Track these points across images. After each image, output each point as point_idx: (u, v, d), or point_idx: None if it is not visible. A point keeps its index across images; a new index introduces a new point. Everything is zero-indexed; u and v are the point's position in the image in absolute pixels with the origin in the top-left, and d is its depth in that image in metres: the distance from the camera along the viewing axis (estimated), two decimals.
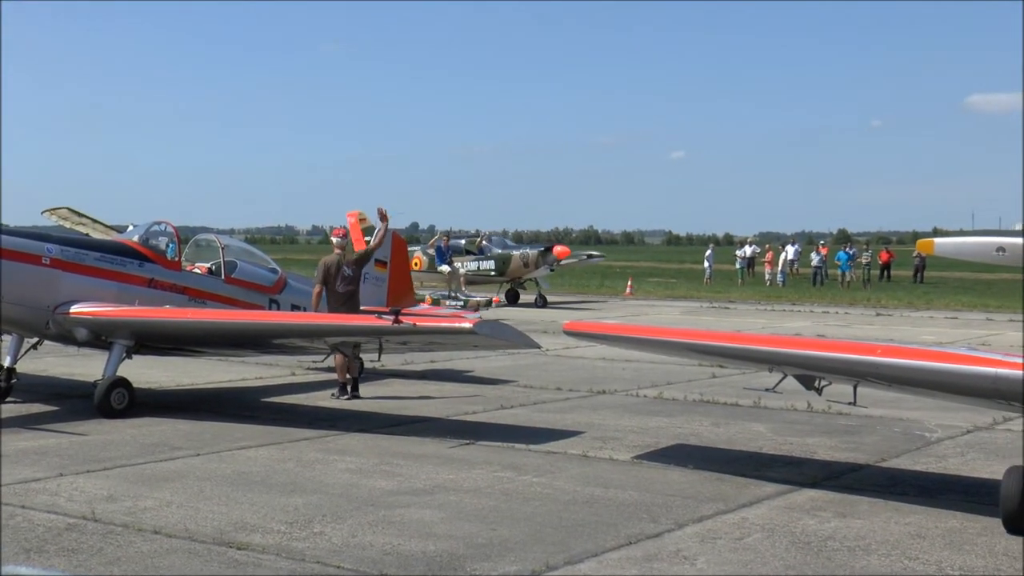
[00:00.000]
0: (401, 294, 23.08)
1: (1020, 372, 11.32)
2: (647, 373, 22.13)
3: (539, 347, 18.23)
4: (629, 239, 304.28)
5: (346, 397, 18.34)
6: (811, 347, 13.80)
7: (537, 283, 44.73)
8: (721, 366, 20.58)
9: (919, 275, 67.22)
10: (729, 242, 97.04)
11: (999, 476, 11.11)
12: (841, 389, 13.42)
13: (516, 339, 16.03)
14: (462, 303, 33.27)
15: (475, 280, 44.04)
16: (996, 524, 10.74)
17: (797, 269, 66.02)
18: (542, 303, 43.15)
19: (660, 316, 38.44)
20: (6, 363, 17.61)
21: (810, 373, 13.19)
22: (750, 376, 19.40)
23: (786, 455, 14.43)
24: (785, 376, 13.50)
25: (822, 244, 69.22)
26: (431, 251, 44.30)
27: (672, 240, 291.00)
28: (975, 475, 13.32)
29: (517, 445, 14.59)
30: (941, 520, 11.12)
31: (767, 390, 14.21)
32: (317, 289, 18.87)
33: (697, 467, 13.40)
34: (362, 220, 45.02)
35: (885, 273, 68.00)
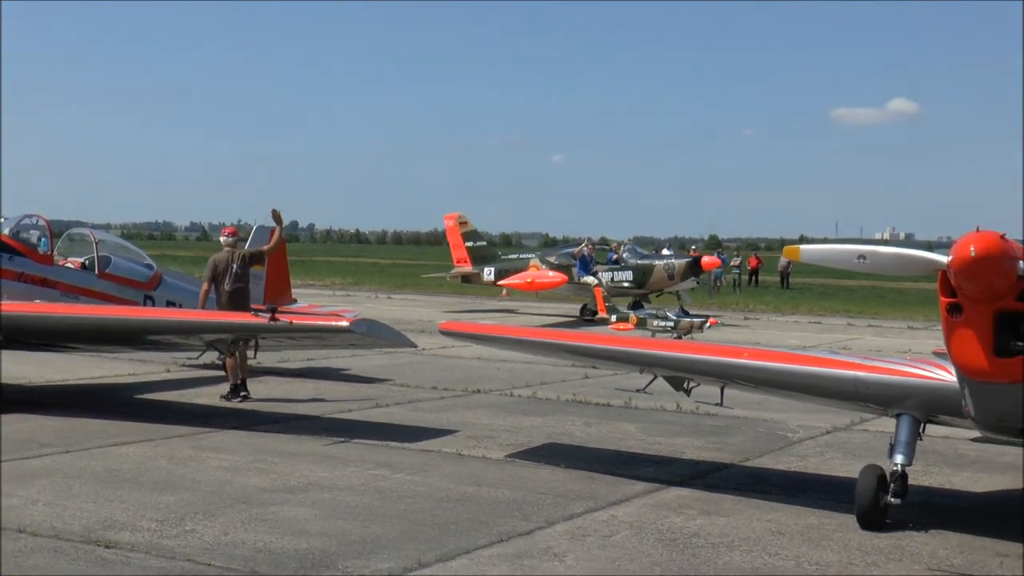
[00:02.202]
0: (278, 291, 22.87)
1: (878, 375, 11.61)
2: (521, 373, 22.19)
3: (415, 346, 18.15)
4: (507, 241, 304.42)
5: (238, 400, 17.97)
6: (680, 349, 13.99)
7: (679, 296, 39.49)
8: (594, 367, 20.71)
9: (785, 281, 68.30)
10: (604, 245, 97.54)
11: (855, 475, 11.34)
12: (709, 390, 13.61)
13: (393, 338, 15.97)
14: (672, 323, 29.66)
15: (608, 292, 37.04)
16: (851, 520, 10.98)
17: None
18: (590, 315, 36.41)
19: (535, 317, 38.60)
20: None
21: (679, 375, 13.36)
22: (622, 377, 19.53)
23: (655, 454, 14.56)
24: (655, 377, 13.67)
25: (694, 249, 69.88)
26: (575, 261, 40.04)
27: (549, 242, 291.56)
28: (833, 474, 13.59)
29: (392, 443, 14.54)
30: (801, 517, 11.32)
31: (638, 391, 14.40)
32: (205, 287, 18.62)
33: (568, 466, 13.46)
34: (462, 223, 44.32)
35: (754, 278, 68.98)
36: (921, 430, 11.48)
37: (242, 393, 17.99)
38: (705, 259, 42.18)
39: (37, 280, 17.86)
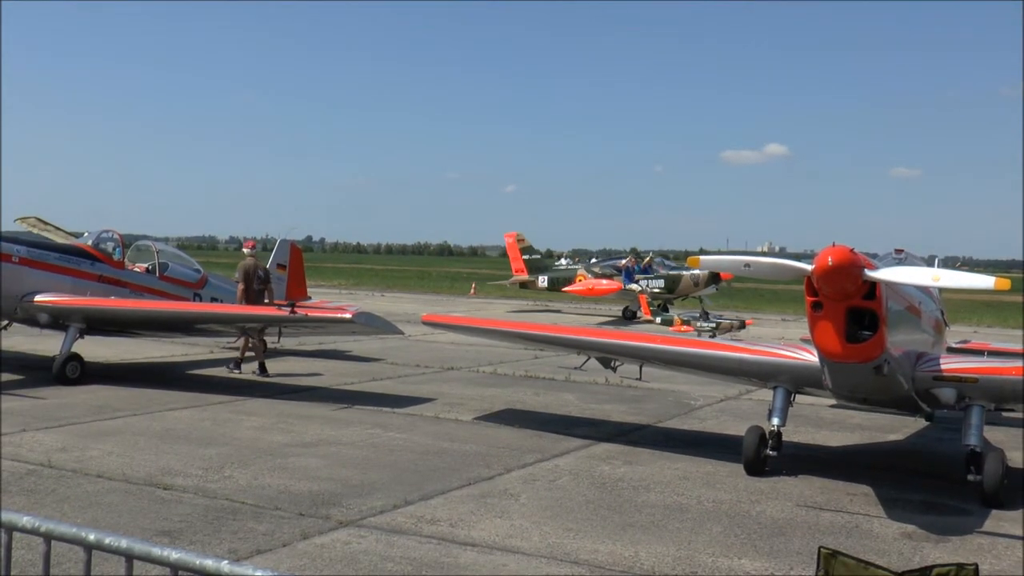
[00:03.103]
0: (296, 291, 22.79)
1: (758, 356, 11.64)
2: (485, 354, 22.09)
3: (403, 333, 18.04)
4: (474, 252, 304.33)
5: (238, 372, 17.90)
6: (609, 336, 13.98)
7: (701, 300, 37.40)
8: (541, 350, 20.66)
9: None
10: (550, 255, 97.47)
11: (743, 433, 11.35)
12: (631, 368, 13.62)
13: (385, 327, 15.89)
14: (714, 325, 27.74)
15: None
16: (740, 468, 11.00)
17: None
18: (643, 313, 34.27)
19: (496, 311, 38.50)
20: None
21: (607, 356, 13.35)
22: (563, 358, 19.49)
23: (589, 417, 14.52)
24: (589, 358, 13.63)
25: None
26: (618, 272, 38.12)
27: (506, 253, 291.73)
28: (726, 432, 13.59)
29: (384, 409, 14.43)
30: (701, 466, 11.32)
31: (576, 368, 14.35)
32: (242, 287, 18.53)
33: (522, 426, 13.41)
34: (520, 241, 43.39)
35: None
36: (792, 399, 11.53)
37: (260, 371, 17.87)
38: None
39: (113, 281, 17.76)
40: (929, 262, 16.01)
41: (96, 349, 18.60)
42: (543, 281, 42.17)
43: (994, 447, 11.15)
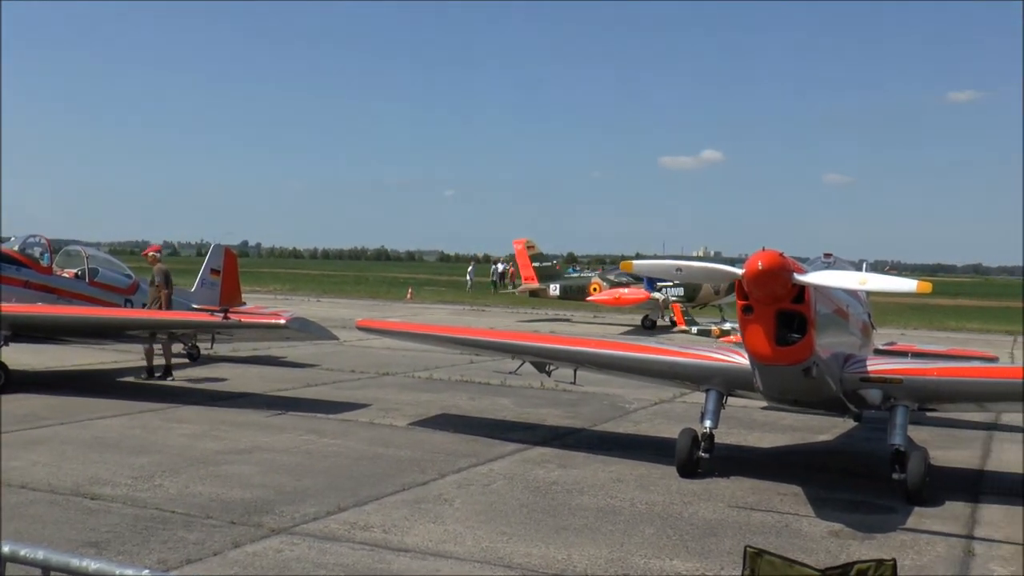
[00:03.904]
0: (230, 296, 22.52)
1: (691, 359, 11.75)
2: (421, 359, 22.03)
3: (337, 339, 17.92)
4: (411, 256, 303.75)
5: (156, 377, 17.77)
6: (543, 341, 14.03)
7: (720, 308, 35.35)
8: (477, 354, 20.65)
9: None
10: (487, 260, 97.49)
11: (676, 435, 11.43)
12: (565, 372, 13.66)
13: (320, 333, 15.78)
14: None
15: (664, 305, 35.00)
16: (673, 471, 11.09)
17: None
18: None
19: (432, 316, 38.38)
20: None
21: (542, 360, 13.39)
22: (499, 362, 19.48)
23: (524, 421, 14.55)
24: (524, 362, 13.65)
25: (556, 263, 70.32)
26: (640, 280, 35.29)
27: (444, 258, 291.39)
28: (659, 435, 13.68)
29: (319, 415, 14.32)
30: (635, 468, 11.40)
31: (510, 372, 14.36)
32: (167, 292, 18.20)
33: (457, 431, 13.39)
34: (530, 247, 42.08)
35: None
36: (724, 401, 11.65)
37: (164, 374, 17.69)
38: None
39: (40, 287, 17.41)
40: (857, 266, 16.31)
41: (23, 357, 18.21)
42: (555, 290, 39.93)
43: (918, 446, 11.38)
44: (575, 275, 41.89)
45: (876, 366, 11.09)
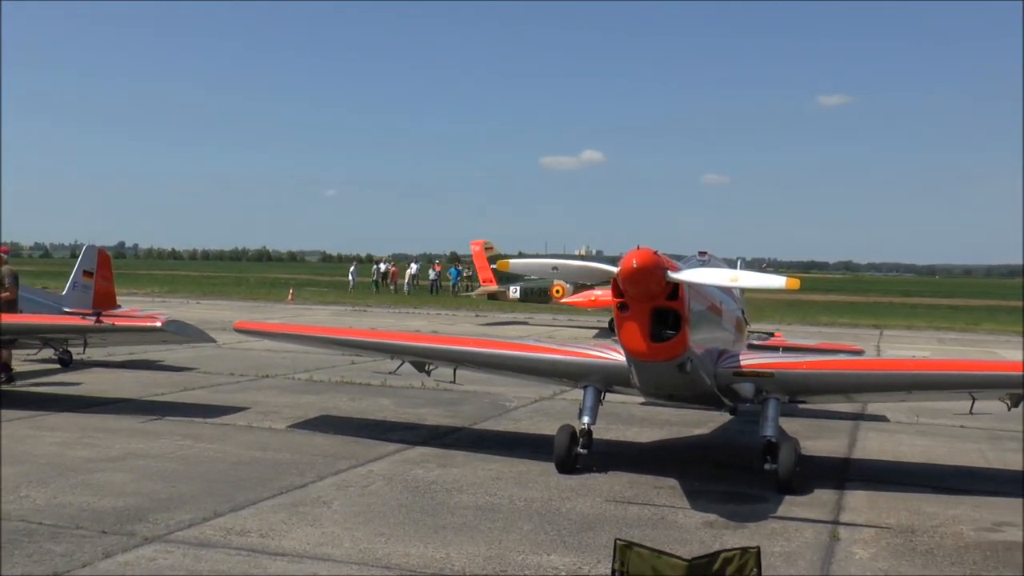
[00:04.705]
0: (104, 299, 21.90)
1: (569, 357, 11.89)
2: (302, 361, 21.77)
3: (215, 341, 17.59)
4: (293, 257, 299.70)
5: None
6: (422, 340, 14.03)
7: None
8: (358, 355, 20.51)
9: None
10: (369, 260, 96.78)
11: (555, 432, 11.53)
12: (445, 372, 13.66)
13: (196, 335, 15.45)
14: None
15: None
16: (552, 467, 11.18)
17: (418, 281, 66.38)
18: None
19: (314, 317, 37.97)
20: None
21: (421, 360, 13.37)
22: (380, 362, 19.37)
23: (404, 422, 14.51)
24: (404, 362, 13.61)
25: (437, 262, 70.35)
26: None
27: (327, 258, 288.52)
28: (539, 432, 13.80)
29: (196, 419, 14.04)
30: (514, 466, 11.47)
31: (390, 373, 14.29)
32: (9, 294, 17.49)
33: (337, 432, 13.29)
34: (488, 248, 40.28)
35: None
36: (602, 398, 11.80)
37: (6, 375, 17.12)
38: None
39: None
40: (732, 264, 16.73)
41: None
42: (515, 292, 38.99)
43: (789, 437, 11.73)
44: (536, 278, 41.41)
45: (749, 361, 11.40)
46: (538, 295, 38.27)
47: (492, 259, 40.66)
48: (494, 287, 39.59)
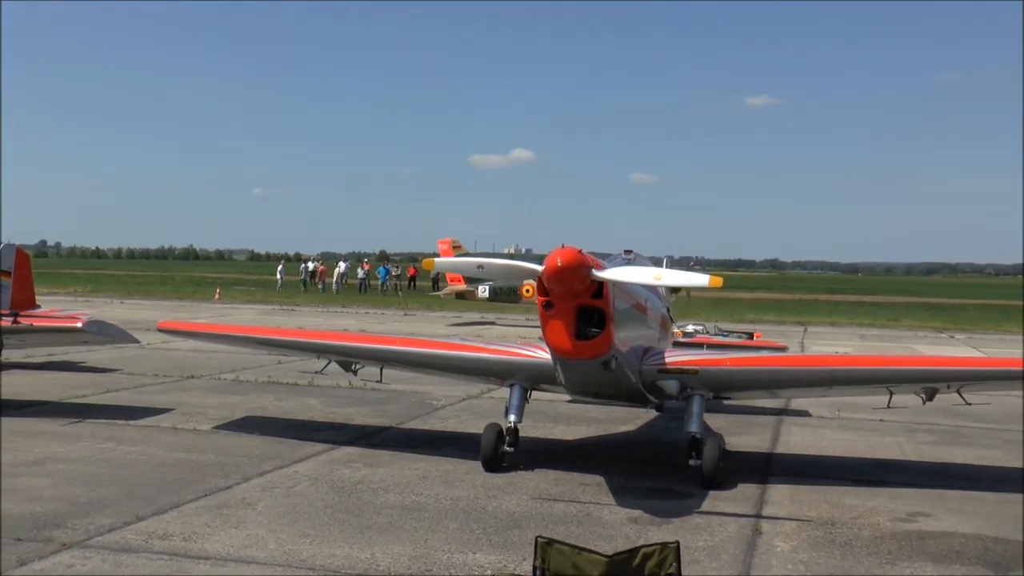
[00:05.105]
0: (23, 299, 21.38)
1: (495, 355, 11.91)
2: (228, 361, 21.51)
3: (138, 342, 17.31)
4: (220, 256, 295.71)
5: None
6: (348, 339, 13.96)
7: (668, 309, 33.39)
8: (285, 355, 20.31)
9: (436, 285, 68.47)
10: (298, 259, 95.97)
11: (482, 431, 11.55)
12: (372, 371, 13.59)
13: (119, 336, 15.21)
14: (722, 336, 26.30)
15: None
16: (478, 466, 11.20)
17: (347, 280, 65.88)
18: None
19: (241, 316, 37.53)
20: None
21: (347, 359, 13.28)
22: (307, 362, 19.22)
23: (331, 421, 14.42)
24: (330, 362, 13.53)
25: (366, 261, 70.01)
26: None
27: (255, 257, 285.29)
28: (467, 431, 13.79)
29: (119, 421, 13.80)
30: (441, 465, 11.46)
31: (317, 372, 14.20)
32: None
33: (263, 433, 13.16)
34: (456, 247, 38.77)
35: (412, 284, 69.02)
36: (528, 396, 11.84)
37: None
38: None
39: None
40: (658, 262, 16.88)
41: None
42: (484, 292, 38.25)
43: (714, 433, 11.89)
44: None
45: (673, 358, 11.53)
46: (507, 295, 37.80)
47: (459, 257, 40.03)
48: (462, 286, 38.94)
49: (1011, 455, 13.34)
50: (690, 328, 28.81)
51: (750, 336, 28.95)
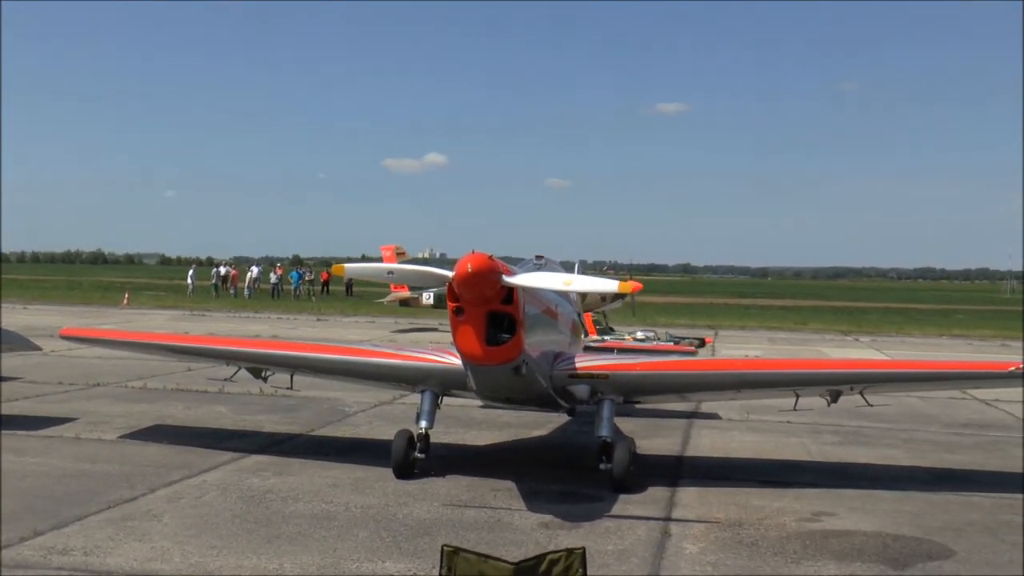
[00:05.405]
0: None
1: (405, 361, 11.85)
2: (135, 368, 21.03)
3: (40, 349, 16.85)
4: (130, 259, 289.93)
5: None
6: (257, 346, 13.77)
7: (604, 315, 32.61)
8: (194, 362, 19.92)
9: (350, 290, 67.99)
10: (210, 263, 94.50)
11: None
12: (283, 377, 13.42)
13: (20, 343, 14.83)
14: (674, 342, 26.00)
15: None
16: (389, 473, 11.13)
17: (259, 285, 65.00)
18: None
19: (150, 322, 36.79)
20: None
21: (257, 366, 13.10)
22: (216, 369, 18.90)
23: (241, 429, 14.20)
24: (239, 368, 13.32)
25: (279, 266, 69.14)
26: None
27: (165, 261, 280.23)
28: (379, 437, 13.69)
29: (19, 432, 13.38)
30: (352, 472, 11.36)
31: (226, 380, 13.97)
32: None
33: (170, 442, 12.91)
34: (400, 253, 37.16)
35: (326, 289, 68.34)
36: (440, 401, 11.80)
37: None
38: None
39: None
40: (570, 268, 16.99)
41: None
42: (428, 298, 36.95)
43: (624, 436, 11.98)
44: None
45: (584, 363, 11.60)
46: None
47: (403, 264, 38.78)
48: (406, 293, 38.02)
49: (910, 454, 13.72)
50: (640, 335, 29.28)
51: (702, 342, 29.24)
